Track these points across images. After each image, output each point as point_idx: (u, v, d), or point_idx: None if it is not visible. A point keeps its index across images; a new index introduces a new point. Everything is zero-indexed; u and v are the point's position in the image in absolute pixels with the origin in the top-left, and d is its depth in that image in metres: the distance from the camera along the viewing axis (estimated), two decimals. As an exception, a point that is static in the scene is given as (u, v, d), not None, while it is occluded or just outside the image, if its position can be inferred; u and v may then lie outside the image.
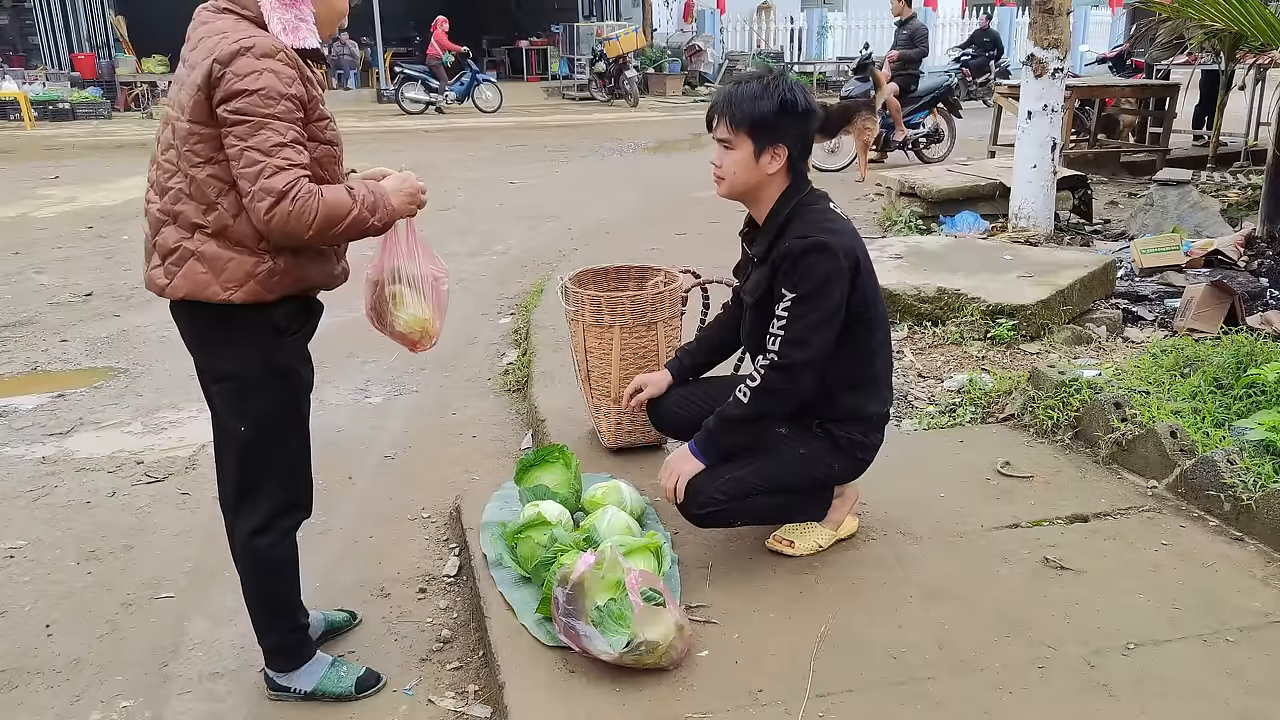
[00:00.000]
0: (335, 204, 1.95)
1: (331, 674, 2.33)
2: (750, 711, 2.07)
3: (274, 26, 1.97)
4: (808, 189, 2.50)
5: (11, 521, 3.27)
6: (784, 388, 2.41)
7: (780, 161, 2.42)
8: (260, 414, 2.12)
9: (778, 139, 2.40)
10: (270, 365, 2.10)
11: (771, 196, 2.48)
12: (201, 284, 1.99)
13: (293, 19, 1.99)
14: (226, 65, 1.89)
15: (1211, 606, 2.41)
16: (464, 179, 10.15)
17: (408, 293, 2.30)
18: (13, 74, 17.01)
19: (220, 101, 1.90)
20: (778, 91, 2.37)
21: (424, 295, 2.31)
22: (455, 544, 3.02)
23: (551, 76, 22.72)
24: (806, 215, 2.44)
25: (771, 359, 2.39)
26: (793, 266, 2.38)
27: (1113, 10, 24.43)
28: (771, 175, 2.44)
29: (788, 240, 2.40)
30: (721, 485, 2.47)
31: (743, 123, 2.38)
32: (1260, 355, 3.47)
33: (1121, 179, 9.17)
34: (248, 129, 1.89)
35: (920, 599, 2.46)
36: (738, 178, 2.45)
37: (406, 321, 2.30)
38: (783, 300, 2.39)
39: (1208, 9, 5.11)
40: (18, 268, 6.76)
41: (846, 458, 2.60)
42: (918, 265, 5.05)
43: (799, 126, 2.41)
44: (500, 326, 5.33)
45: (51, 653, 2.56)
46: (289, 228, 1.91)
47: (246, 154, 1.89)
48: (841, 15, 23.62)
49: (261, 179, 1.89)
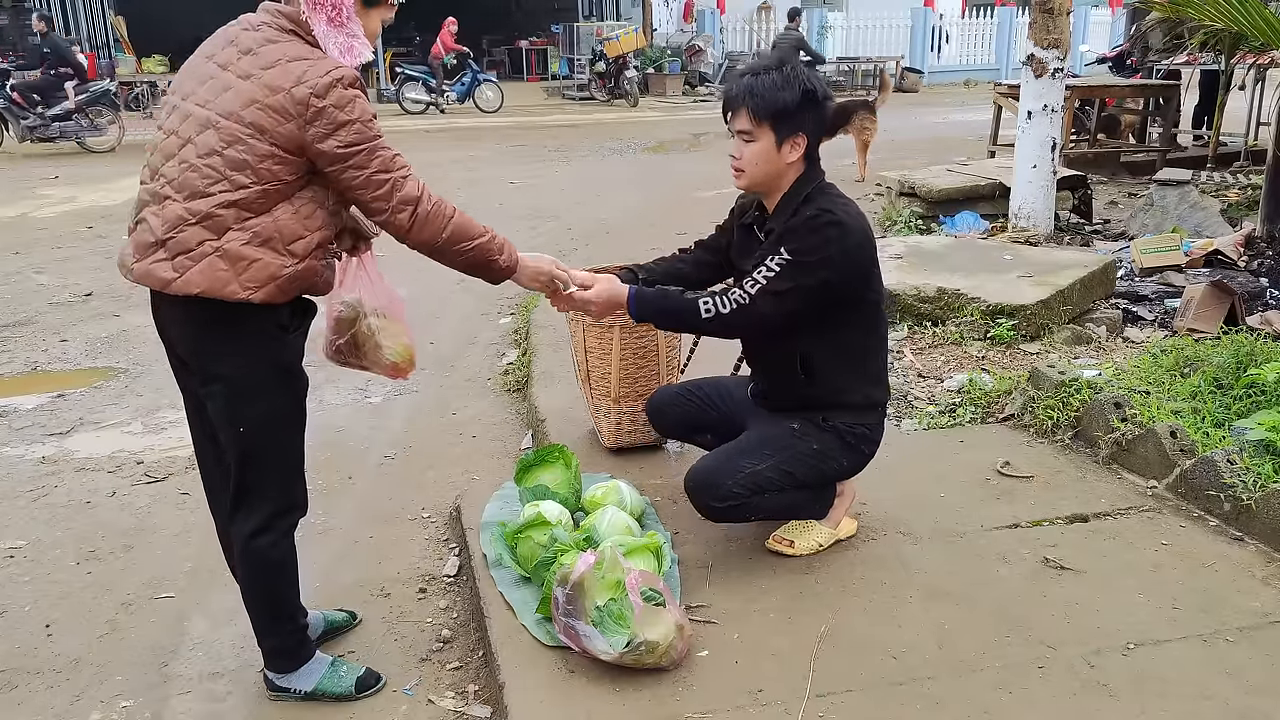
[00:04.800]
0: (465, 221, 2.14)
1: (331, 674, 2.33)
2: (750, 711, 2.07)
3: (331, 50, 2.01)
4: (821, 176, 2.51)
5: (11, 521, 3.27)
6: (741, 327, 2.47)
7: (799, 151, 2.43)
8: (264, 414, 2.11)
9: (798, 128, 2.40)
10: (277, 364, 2.10)
11: (788, 183, 2.48)
12: (221, 281, 1.96)
13: (345, 39, 2.05)
14: (324, 98, 1.94)
15: (1211, 606, 2.41)
16: (464, 179, 10.15)
17: (387, 325, 2.34)
18: (12, 74, 17.00)
19: (324, 136, 1.95)
20: (799, 81, 2.37)
21: (399, 324, 2.37)
22: (455, 544, 3.02)
23: (551, 76, 22.71)
24: (822, 198, 2.46)
25: (744, 298, 2.39)
26: (807, 232, 2.38)
27: (1113, 10, 24.42)
28: (790, 164, 2.44)
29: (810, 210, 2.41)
30: (741, 480, 2.48)
31: (766, 114, 2.38)
32: (1260, 355, 3.47)
33: (1121, 179, 9.17)
34: (364, 156, 1.99)
35: (920, 599, 2.46)
36: (759, 169, 2.45)
37: (399, 352, 2.35)
38: (778, 255, 2.38)
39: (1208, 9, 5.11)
40: (18, 268, 6.76)
41: (853, 453, 2.62)
42: (918, 265, 5.05)
43: (818, 115, 2.43)
44: (500, 326, 5.33)
45: (51, 653, 2.56)
46: (429, 228, 2.08)
47: (374, 178, 2.00)
48: (841, 15, 23.62)
49: (397, 194, 2.03)
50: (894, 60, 21.78)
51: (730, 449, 2.58)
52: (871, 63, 21.76)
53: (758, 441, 2.57)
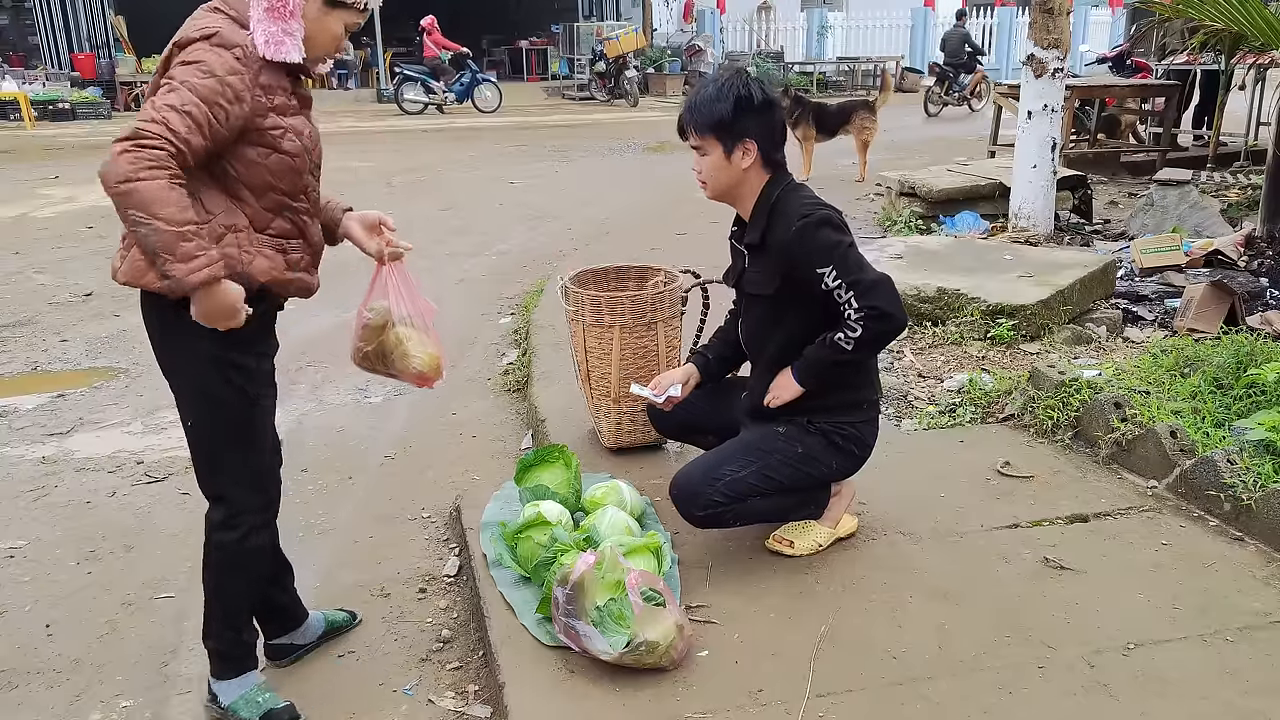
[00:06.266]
0: (163, 199, 1.76)
1: (251, 695, 2.22)
2: (750, 711, 2.07)
3: (258, 36, 1.93)
4: (789, 179, 2.56)
5: (11, 521, 3.27)
6: (889, 329, 2.45)
7: (752, 155, 2.49)
8: (208, 411, 2.06)
9: (742, 135, 2.47)
10: (214, 359, 2.00)
11: (755, 190, 2.54)
12: (139, 270, 1.92)
13: (277, 32, 1.94)
14: (183, 49, 1.89)
15: (1211, 606, 2.41)
16: (464, 179, 10.15)
17: (415, 334, 2.31)
18: (13, 74, 17.00)
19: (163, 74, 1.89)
20: (732, 90, 2.45)
21: (428, 333, 2.34)
22: (455, 544, 3.02)
23: (551, 76, 22.71)
24: (794, 199, 2.50)
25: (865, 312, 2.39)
26: (814, 243, 2.41)
27: (1113, 10, 24.43)
28: (747, 171, 2.50)
29: (795, 224, 2.43)
30: (721, 487, 2.48)
31: (706, 127, 2.47)
32: (1260, 355, 3.47)
33: (1121, 179, 9.17)
34: (165, 89, 1.85)
35: (920, 599, 2.46)
36: (717, 179, 2.53)
37: (426, 361, 2.32)
38: (826, 275, 2.41)
39: (1208, 9, 5.11)
40: (18, 268, 6.76)
41: (842, 455, 2.61)
42: (918, 265, 5.05)
43: (762, 119, 2.48)
44: (500, 326, 5.34)
45: (51, 653, 2.56)
46: (108, 168, 1.78)
47: (145, 107, 1.85)
48: (841, 15, 23.62)
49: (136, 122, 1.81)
50: (894, 60, 21.77)
51: (713, 456, 2.59)
52: (872, 63, 21.77)
53: (741, 447, 2.58)
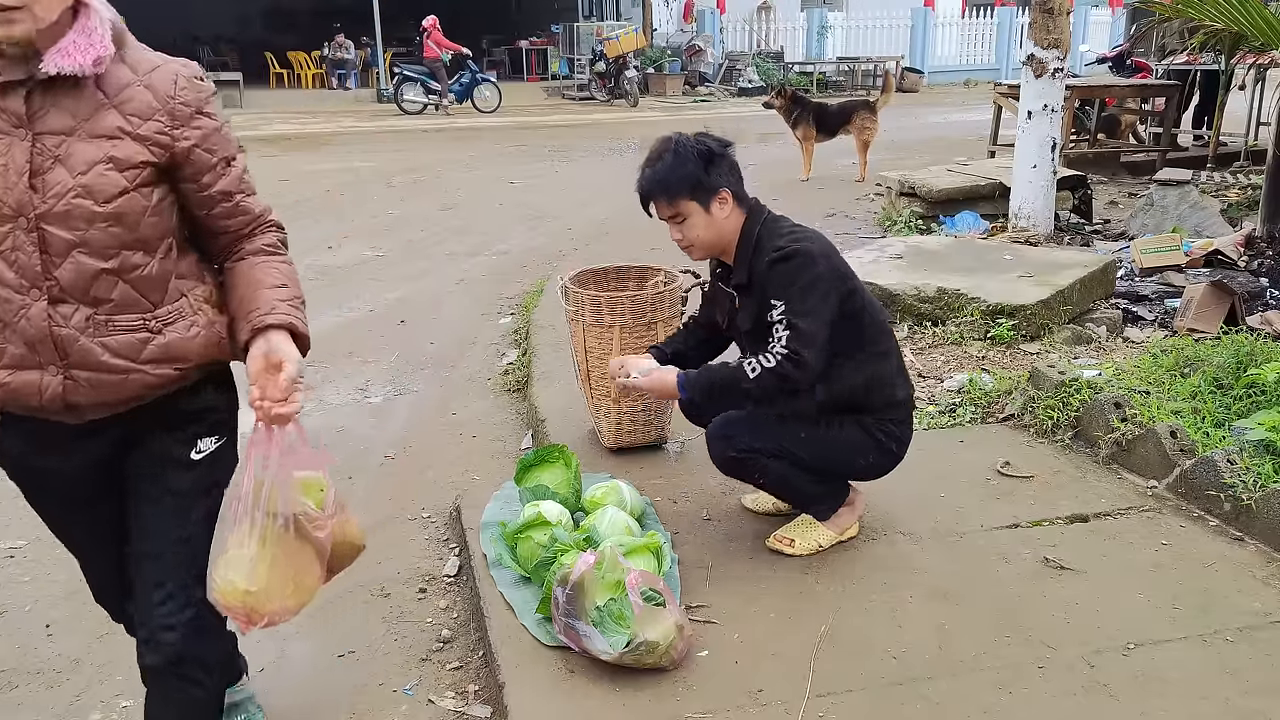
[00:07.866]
0: None
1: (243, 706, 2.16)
2: (750, 711, 2.07)
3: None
4: (764, 211, 2.57)
5: (11, 521, 3.27)
6: (797, 376, 2.38)
7: (729, 203, 2.51)
8: None
9: (716, 187, 2.48)
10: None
11: (736, 232, 2.54)
12: None
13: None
14: None
15: (1211, 606, 2.41)
16: (464, 179, 10.15)
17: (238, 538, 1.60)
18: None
19: None
20: (691, 150, 2.47)
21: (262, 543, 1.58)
22: (455, 544, 3.02)
23: (551, 76, 22.71)
24: (774, 232, 2.51)
25: (787, 352, 2.37)
26: (779, 276, 2.42)
27: (1113, 10, 24.44)
28: (728, 218, 2.52)
29: (768, 258, 2.44)
30: (761, 435, 2.52)
31: (682, 192, 2.48)
32: (1260, 355, 3.47)
33: (1121, 179, 9.17)
34: None
35: (920, 599, 2.46)
36: (704, 237, 2.53)
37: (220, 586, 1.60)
38: (776, 308, 2.40)
39: (1208, 9, 5.11)
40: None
41: (883, 453, 2.63)
42: (918, 265, 5.05)
43: (726, 164, 2.51)
44: (500, 326, 5.34)
45: (51, 653, 2.56)
46: None
47: None
48: (841, 15, 23.62)
49: None
50: (894, 60, 21.77)
51: (765, 413, 2.56)
52: (872, 62, 21.77)
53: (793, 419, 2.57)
